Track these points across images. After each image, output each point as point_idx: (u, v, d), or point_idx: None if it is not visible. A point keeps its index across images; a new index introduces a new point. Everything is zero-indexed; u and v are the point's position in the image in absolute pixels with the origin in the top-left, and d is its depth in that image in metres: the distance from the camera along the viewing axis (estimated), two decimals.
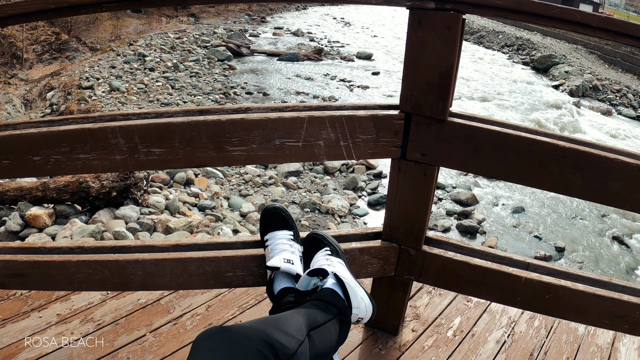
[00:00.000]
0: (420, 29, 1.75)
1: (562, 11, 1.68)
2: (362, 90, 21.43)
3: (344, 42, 35.03)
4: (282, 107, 1.81)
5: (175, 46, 27.97)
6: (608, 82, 29.82)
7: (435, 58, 1.76)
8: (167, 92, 19.12)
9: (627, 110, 25.98)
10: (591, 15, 1.67)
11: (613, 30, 1.69)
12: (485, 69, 30.59)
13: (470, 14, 1.77)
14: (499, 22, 61.18)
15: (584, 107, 24.68)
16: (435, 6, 1.72)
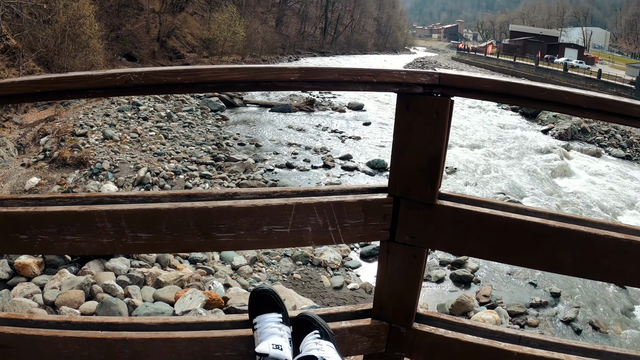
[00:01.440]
0: (408, 113, 1.76)
1: (551, 93, 1.68)
2: (354, 141, 21.53)
3: (335, 93, 35.37)
4: (269, 193, 1.81)
5: (169, 96, 28.18)
6: (596, 123, 30.17)
7: (423, 142, 1.76)
8: (160, 142, 19.14)
9: (616, 150, 26.37)
10: (580, 96, 1.68)
11: (602, 110, 1.69)
12: (474, 116, 30.95)
13: (458, 97, 1.78)
14: (487, 71, 62.35)
15: (574, 150, 24.91)
16: (423, 91, 1.73)
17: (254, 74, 1.69)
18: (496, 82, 1.72)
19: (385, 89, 1.77)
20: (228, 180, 15.60)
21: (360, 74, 1.74)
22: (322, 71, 1.74)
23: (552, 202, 15.90)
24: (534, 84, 1.72)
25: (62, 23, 27.60)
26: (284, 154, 19.33)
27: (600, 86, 45.30)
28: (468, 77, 1.74)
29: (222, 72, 1.65)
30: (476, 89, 1.75)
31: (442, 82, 1.72)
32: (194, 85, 1.68)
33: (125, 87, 1.66)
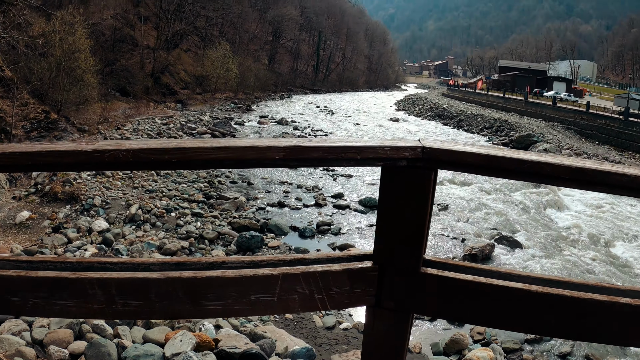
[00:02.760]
0: (392, 185, 1.79)
1: (533, 165, 1.70)
2: (346, 179, 21.58)
3: (327, 131, 35.75)
4: (257, 262, 1.84)
5: (162, 132, 28.29)
6: (586, 155, 30.77)
7: (407, 213, 1.79)
8: (152, 179, 19.19)
9: None
10: (561, 167, 1.69)
11: (583, 179, 1.71)
12: None
13: (442, 169, 1.81)
14: (477, 106, 62.90)
15: None
16: (407, 164, 1.76)
17: (239, 153, 1.72)
18: (479, 156, 1.75)
19: (369, 164, 1.80)
20: (220, 218, 15.58)
21: (345, 152, 1.77)
22: (306, 149, 1.76)
23: (545, 237, 15.92)
24: (517, 156, 1.76)
25: (58, 57, 27.90)
26: (276, 192, 19.34)
27: (589, 118, 45.75)
28: (451, 151, 1.78)
29: (209, 151, 1.68)
30: (459, 163, 1.79)
31: (425, 155, 1.76)
32: (181, 163, 1.72)
33: (113, 163, 1.70)
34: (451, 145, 1.81)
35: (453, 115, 52.21)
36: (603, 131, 41.66)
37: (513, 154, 1.76)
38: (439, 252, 13.94)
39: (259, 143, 1.73)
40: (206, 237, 13.61)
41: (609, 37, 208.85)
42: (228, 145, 1.70)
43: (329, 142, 1.79)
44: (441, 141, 1.87)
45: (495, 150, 1.81)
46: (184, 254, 12.45)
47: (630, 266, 14.11)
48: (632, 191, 1.76)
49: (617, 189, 1.77)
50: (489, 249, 13.96)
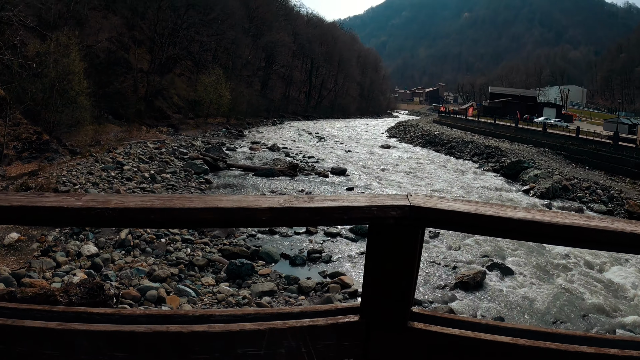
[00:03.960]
0: (379, 242, 1.79)
1: (520, 224, 1.71)
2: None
3: (318, 158, 35.79)
4: (244, 315, 1.83)
5: (153, 156, 28.23)
6: (577, 180, 30.81)
7: (395, 269, 1.78)
8: None
9: (598, 205, 26.74)
10: (548, 225, 1.70)
11: (571, 237, 1.72)
12: (457, 179, 31.22)
13: (429, 227, 1.81)
14: (468, 133, 63.29)
15: (556, 208, 25.17)
16: (394, 222, 1.76)
17: (226, 215, 1.73)
18: (466, 215, 1.75)
19: (357, 223, 1.80)
20: (210, 245, 15.48)
21: (332, 213, 1.77)
22: (292, 211, 1.76)
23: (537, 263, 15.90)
24: (504, 215, 1.76)
25: (52, 78, 27.91)
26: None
27: (579, 143, 46.13)
28: (439, 210, 1.78)
29: (195, 212, 1.68)
30: (447, 222, 1.79)
31: (412, 214, 1.76)
32: (167, 224, 1.72)
33: (99, 222, 1.70)
34: (439, 203, 1.84)
35: (444, 142, 52.44)
36: (593, 156, 42.09)
37: (500, 212, 1.78)
38: (430, 280, 13.88)
39: (246, 204, 1.74)
40: (196, 264, 13.51)
41: (598, 63, 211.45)
42: (214, 207, 1.71)
43: (315, 202, 1.79)
44: (429, 197, 1.90)
45: (484, 207, 1.83)
46: (174, 281, 12.34)
47: (623, 291, 14.12)
48: (621, 247, 1.79)
49: (606, 245, 1.78)
50: (480, 276, 13.94)
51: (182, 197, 1.83)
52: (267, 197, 1.85)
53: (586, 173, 36.76)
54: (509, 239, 1.72)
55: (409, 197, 1.86)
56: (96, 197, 1.74)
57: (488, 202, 1.98)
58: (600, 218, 1.88)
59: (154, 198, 1.73)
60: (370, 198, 1.84)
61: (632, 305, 13.20)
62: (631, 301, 13.50)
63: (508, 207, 1.85)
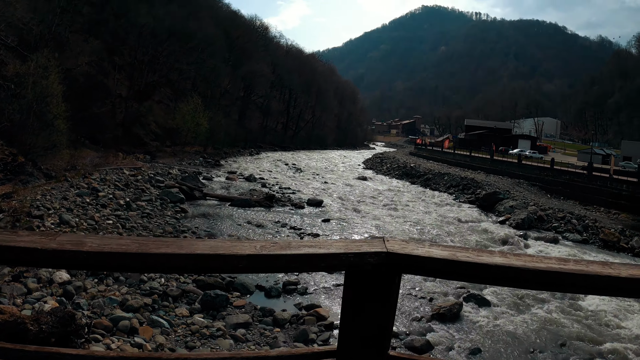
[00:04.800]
0: (356, 288, 1.79)
1: (498, 270, 1.72)
2: (313, 238, 21.44)
3: (295, 189, 35.80)
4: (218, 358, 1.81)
5: (129, 183, 28.01)
6: (552, 211, 31.25)
7: (371, 314, 1.78)
8: (117, 232, 18.85)
9: (573, 235, 27.12)
10: (525, 271, 1.72)
11: (547, 281, 1.74)
12: (433, 211, 31.36)
13: (406, 274, 1.82)
14: (444, 165, 63.83)
15: (531, 238, 25.46)
16: (371, 268, 1.75)
17: (201, 262, 1.71)
18: (443, 262, 1.75)
19: (334, 270, 1.80)
20: (184, 275, 15.31)
21: (308, 260, 1.77)
22: (270, 258, 1.74)
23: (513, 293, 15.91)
24: (481, 261, 1.75)
25: (30, 99, 27.61)
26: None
27: (554, 174, 46.71)
28: (416, 256, 1.77)
29: (171, 259, 1.68)
30: (424, 268, 1.80)
31: (389, 261, 1.75)
32: (143, 269, 1.70)
33: (73, 264, 1.67)
34: (415, 249, 1.83)
35: (420, 174, 52.77)
36: (568, 186, 42.73)
37: (477, 258, 1.78)
38: (406, 312, 13.83)
39: (222, 250, 1.72)
40: (170, 295, 13.32)
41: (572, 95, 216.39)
42: (190, 253, 1.70)
43: (292, 249, 1.78)
44: (405, 242, 1.91)
45: (460, 252, 1.83)
46: (147, 311, 12.15)
47: (602, 319, 14.16)
48: (598, 290, 1.83)
49: (583, 289, 1.83)
50: (457, 308, 13.94)
51: (158, 240, 1.83)
52: (244, 243, 1.87)
53: (561, 203, 37.22)
54: (486, 284, 1.72)
55: (386, 242, 1.86)
56: (71, 238, 1.73)
57: (464, 247, 1.99)
58: (576, 260, 1.89)
59: (129, 241, 1.74)
60: (347, 244, 1.85)
61: (611, 334, 13.27)
62: (610, 329, 13.57)
63: (484, 252, 1.86)
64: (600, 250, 25.17)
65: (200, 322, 11.77)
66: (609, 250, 25.28)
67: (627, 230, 27.67)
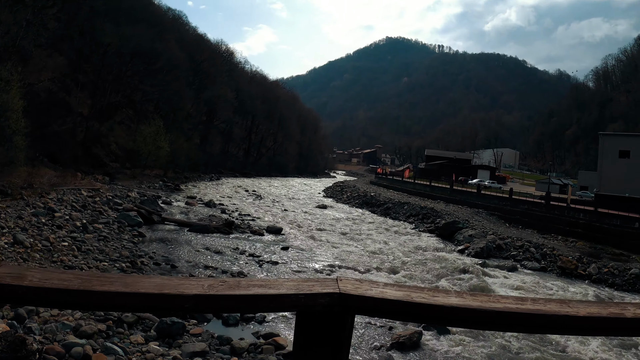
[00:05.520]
0: (307, 329, 1.78)
1: (453, 311, 1.71)
2: (272, 266, 21.28)
3: (254, 216, 35.69)
4: None
5: (87, 205, 27.57)
6: (510, 239, 31.78)
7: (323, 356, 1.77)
8: (72, 254, 18.45)
9: (531, 263, 27.60)
10: (481, 312, 1.72)
11: (504, 322, 1.75)
12: (393, 240, 31.46)
13: (359, 315, 1.81)
14: (404, 194, 64.32)
15: (490, 266, 25.75)
16: (323, 309, 1.74)
17: (146, 301, 1.69)
18: (397, 303, 1.73)
19: (284, 310, 1.78)
20: None
21: (257, 301, 1.76)
22: (218, 299, 1.73)
23: None
24: (436, 302, 1.74)
25: None
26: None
27: (512, 204, 47.56)
28: (369, 298, 1.75)
29: (114, 297, 1.65)
30: (377, 309, 1.78)
31: (342, 302, 1.74)
32: (85, 306, 1.67)
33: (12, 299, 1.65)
34: (369, 289, 1.81)
35: (380, 203, 53.05)
36: (526, 216, 43.76)
37: (432, 299, 1.76)
38: (365, 340, 13.80)
39: (168, 289, 1.69)
40: (125, 321, 13.06)
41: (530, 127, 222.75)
42: (134, 292, 1.66)
43: (242, 289, 1.76)
44: (359, 282, 1.89)
45: (415, 292, 1.82)
46: (101, 338, 11.90)
47: (561, 345, 14.31)
48: (556, 330, 1.84)
49: (540, 328, 1.85)
50: (416, 336, 13.93)
51: (102, 276, 1.79)
52: (192, 281, 1.83)
53: (519, 232, 37.87)
54: (439, 324, 1.72)
55: (339, 282, 1.84)
56: (11, 270, 1.69)
57: (419, 287, 1.99)
58: (534, 299, 1.89)
59: (72, 276, 1.71)
60: (299, 283, 1.82)
61: (571, 359, 13.44)
62: (569, 355, 13.74)
63: (440, 292, 1.85)
64: (558, 277, 25.62)
65: (155, 350, 11.57)
66: (567, 277, 25.80)
67: (584, 258, 28.39)
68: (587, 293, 22.44)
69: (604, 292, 23.61)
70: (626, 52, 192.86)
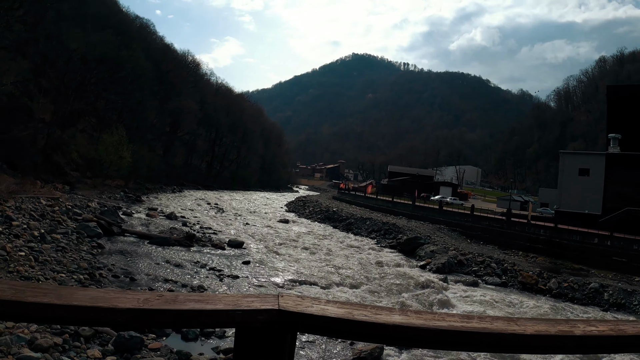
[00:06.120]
0: (246, 347, 1.76)
1: (396, 330, 1.69)
2: (232, 280, 21.16)
3: (216, 229, 35.51)
4: None
5: (45, 214, 27.09)
6: (472, 255, 32.28)
7: None
8: (29, 265, 18.09)
9: (492, 278, 28.12)
10: (425, 330, 1.71)
11: (450, 340, 1.73)
12: (354, 255, 31.55)
13: (300, 332, 1.80)
14: (367, 210, 64.52)
15: (451, 282, 26.06)
16: (262, 326, 1.73)
17: (79, 314, 1.64)
18: (338, 321, 1.72)
19: (223, 326, 1.74)
20: None
21: (194, 317, 1.72)
22: (153, 314, 1.68)
23: None
24: (377, 321, 1.73)
25: None
26: (159, 290, 18.61)
27: (474, 220, 48.17)
28: (309, 315, 1.74)
29: (47, 309, 1.61)
30: (318, 327, 1.77)
31: (281, 319, 1.73)
32: (18, 317, 1.65)
33: None
34: (310, 306, 1.80)
35: (343, 218, 53.17)
36: (487, 232, 44.50)
37: (375, 317, 1.75)
38: (326, 356, 13.77)
39: (102, 302, 1.65)
40: (82, 334, 12.85)
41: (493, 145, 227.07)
42: (67, 304, 1.61)
43: (178, 304, 1.72)
44: (301, 298, 1.88)
45: (357, 310, 1.80)
46: (57, 351, 11.71)
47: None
48: (502, 348, 1.82)
49: (487, 347, 1.84)
50: (377, 352, 13.93)
51: (37, 287, 1.73)
52: (128, 295, 1.79)
53: (481, 248, 38.42)
54: (384, 344, 1.72)
55: (280, 299, 1.82)
56: None
57: (363, 304, 1.93)
58: (480, 317, 1.86)
59: (6, 286, 1.67)
60: (238, 299, 1.80)
61: None
62: None
63: (384, 310, 1.82)
64: (519, 292, 26.08)
65: None
66: (528, 292, 26.32)
67: (544, 273, 29.01)
68: (546, 307, 22.86)
69: (564, 306, 24.07)
70: (587, 74, 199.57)
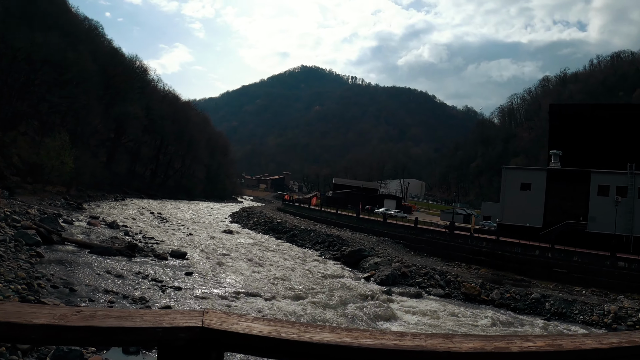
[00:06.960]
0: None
1: (325, 349, 1.66)
2: (175, 292, 20.97)
3: (159, 239, 35.16)
4: None
5: None
6: (415, 267, 33.02)
7: None
8: None
9: (436, 290, 28.82)
10: (354, 349, 1.66)
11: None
12: (298, 267, 31.71)
13: (226, 352, 1.77)
14: (311, 222, 64.67)
15: (395, 293, 26.60)
16: (184, 344, 1.69)
17: None
18: (264, 340, 1.69)
19: (143, 345, 1.71)
20: None
21: (112, 334, 1.68)
22: (68, 330, 1.63)
23: None
24: (305, 339, 1.70)
25: None
26: (100, 302, 18.12)
27: (417, 233, 49.04)
28: (234, 333, 1.71)
29: None
30: (243, 345, 1.74)
31: (205, 336, 1.70)
32: None
33: None
34: (236, 323, 1.76)
35: (287, 230, 53.27)
36: (431, 244, 45.63)
37: (303, 335, 1.72)
38: None
39: (16, 317, 1.59)
40: (19, 347, 12.58)
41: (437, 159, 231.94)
42: None
43: (97, 320, 1.66)
44: (227, 315, 1.84)
45: (285, 328, 1.76)
46: None
47: None
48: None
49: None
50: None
51: None
52: (44, 309, 1.73)
53: (424, 260, 39.23)
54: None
55: (204, 315, 1.78)
56: None
57: (291, 321, 1.91)
58: (414, 334, 1.81)
59: None
60: (160, 315, 1.75)
61: None
62: None
63: (313, 327, 1.78)
64: (462, 303, 26.72)
65: None
66: (471, 302, 26.99)
67: (487, 284, 29.83)
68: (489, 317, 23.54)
69: (506, 316, 24.74)
70: (531, 92, 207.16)
